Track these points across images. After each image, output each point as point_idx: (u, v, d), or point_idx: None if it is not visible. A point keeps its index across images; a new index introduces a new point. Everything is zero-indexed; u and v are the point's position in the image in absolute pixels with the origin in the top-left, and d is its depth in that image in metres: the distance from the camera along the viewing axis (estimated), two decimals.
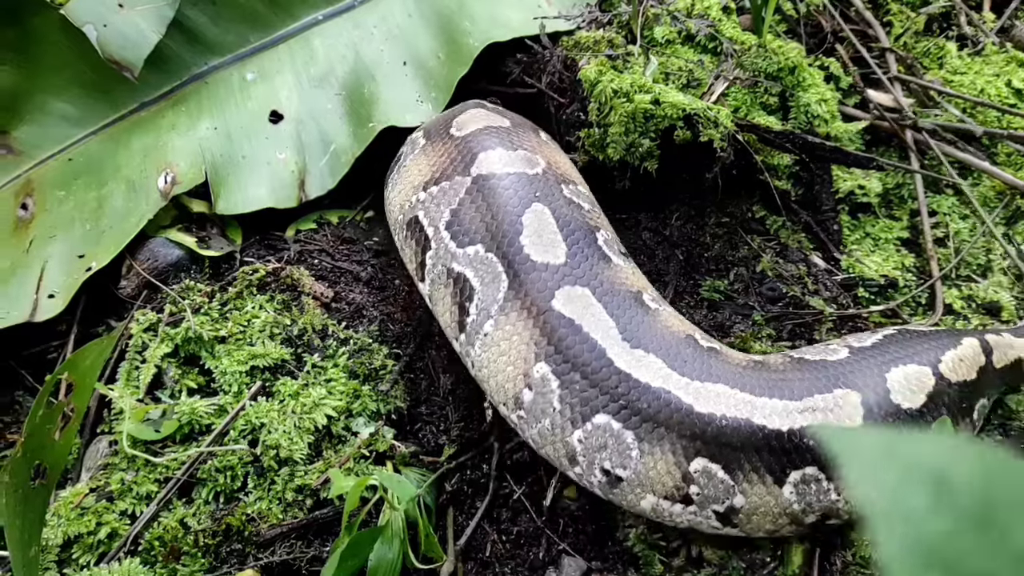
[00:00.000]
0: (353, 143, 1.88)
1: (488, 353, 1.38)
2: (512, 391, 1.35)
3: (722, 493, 1.26)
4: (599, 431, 1.27)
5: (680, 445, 1.24)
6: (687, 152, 1.75)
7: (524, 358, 1.33)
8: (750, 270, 1.82)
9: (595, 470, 1.29)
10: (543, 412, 1.31)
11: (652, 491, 1.27)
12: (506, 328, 1.36)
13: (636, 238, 1.86)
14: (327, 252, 1.76)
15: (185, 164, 1.78)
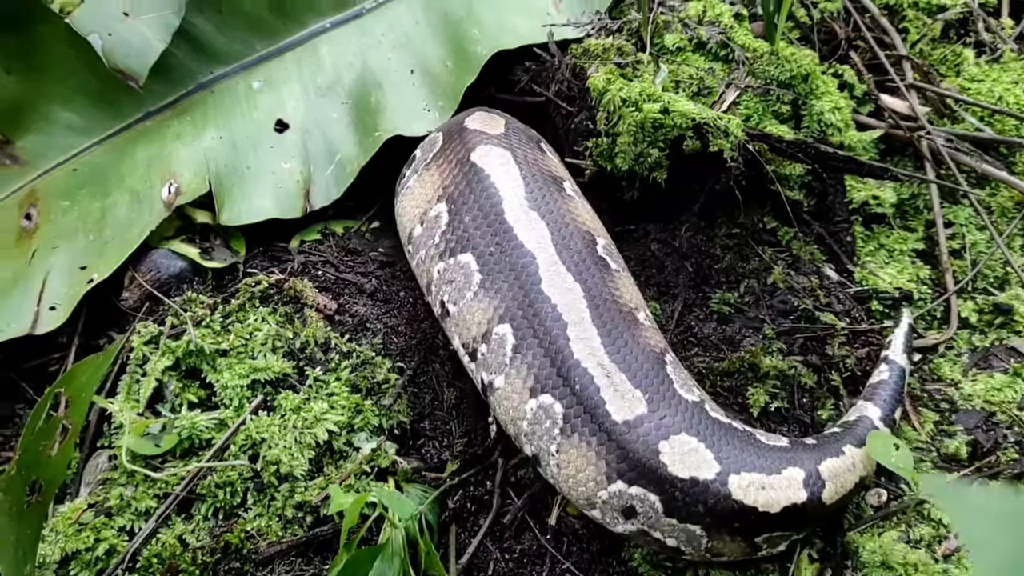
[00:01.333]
0: (359, 152, 1.86)
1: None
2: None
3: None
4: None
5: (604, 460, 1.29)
6: (697, 162, 1.72)
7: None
8: (761, 282, 1.79)
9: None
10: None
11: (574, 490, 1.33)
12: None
13: (645, 250, 1.83)
14: (331, 263, 1.74)
15: (189, 174, 1.76)
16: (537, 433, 1.36)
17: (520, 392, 1.37)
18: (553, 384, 1.35)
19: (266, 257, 1.74)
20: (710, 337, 1.72)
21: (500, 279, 1.45)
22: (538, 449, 1.36)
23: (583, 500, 1.32)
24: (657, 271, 1.80)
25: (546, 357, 1.36)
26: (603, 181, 1.84)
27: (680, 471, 1.27)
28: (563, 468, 1.33)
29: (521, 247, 1.47)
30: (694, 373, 1.64)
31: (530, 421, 1.36)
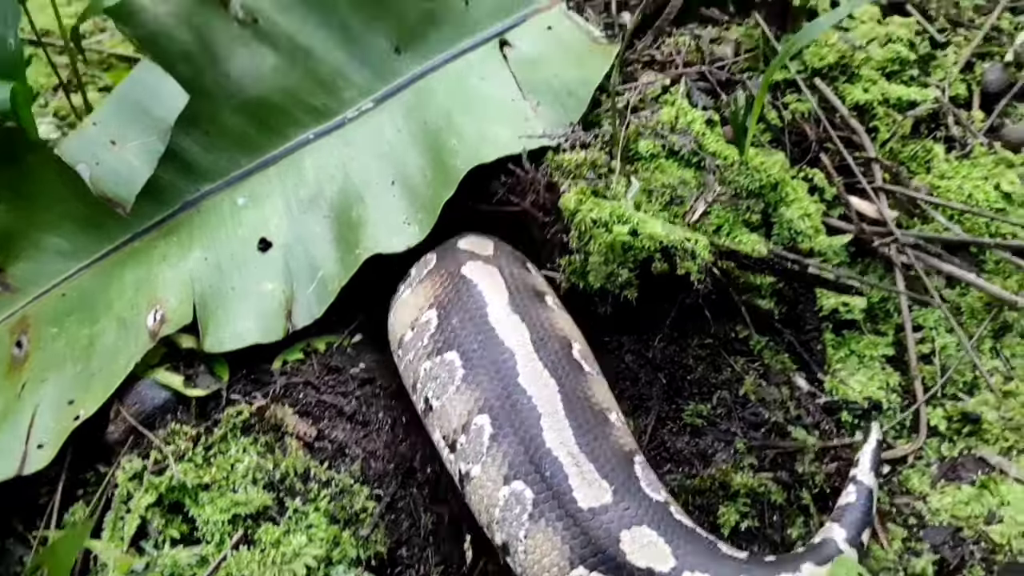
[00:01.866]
0: (340, 270, 1.91)
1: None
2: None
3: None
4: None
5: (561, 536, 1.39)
6: (667, 280, 1.77)
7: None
8: (733, 393, 1.82)
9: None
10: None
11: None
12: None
13: (619, 362, 1.87)
14: (312, 385, 1.79)
15: (175, 299, 1.82)
16: (508, 519, 1.45)
17: (495, 480, 1.48)
18: (525, 471, 1.45)
19: (249, 381, 1.79)
20: (683, 452, 1.75)
21: (481, 373, 1.57)
22: (508, 536, 1.45)
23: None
24: (631, 383, 1.84)
25: (520, 445, 1.47)
26: (577, 296, 1.89)
27: (638, 560, 1.36)
28: (530, 554, 1.41)
29: (502, 344, 1.60)
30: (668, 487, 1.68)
31: (502, 508, 1.46)
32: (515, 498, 1.45)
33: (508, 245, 1.92)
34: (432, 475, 1.69)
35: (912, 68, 2.28)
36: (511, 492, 1.45)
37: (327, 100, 2.11)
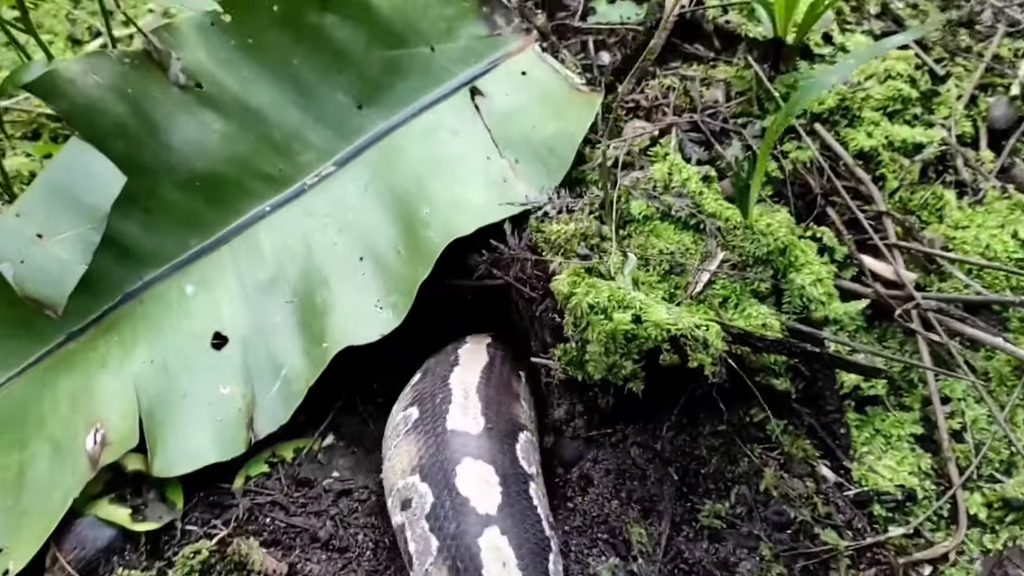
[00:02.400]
0: (307, 365, 1.70)
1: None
2: None
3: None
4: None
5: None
6: (675, 369, 1.58)
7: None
8: (753, 489, 1.64)
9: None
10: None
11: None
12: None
13: (624, 457, 1.68)
14: (280, 505, 1.58)
15: (117, 415, 1.59)
16: (389, 436, 1.62)
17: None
18: (423, 400, 1.64)
19: (207, 505, 1.57)
20: (702, 561, 1.57)
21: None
22: (384, 450, 1.62)
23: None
24: (639, 483, 1.65)
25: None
26: (574, 386, 1.69)
27: (465, 488, 1.43)
28: (390, 460, 1.57)
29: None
30: None
31: (392, 428, 1.64)
32: (404, 420, 1.60)
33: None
34: None
35: (915, 106, 2.12)
36: (403, 416, 1.61)
37: (283, 166, 1.90)
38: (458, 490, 1.43)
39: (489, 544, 1.37)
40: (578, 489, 1.65)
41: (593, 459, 1.68)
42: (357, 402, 1.83)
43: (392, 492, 1.53)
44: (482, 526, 1.39)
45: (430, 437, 1.53)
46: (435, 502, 1.43)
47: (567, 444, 1.72)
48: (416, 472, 1.49)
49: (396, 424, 1.64)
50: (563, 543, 1.57)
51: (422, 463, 1.49)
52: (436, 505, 1.42)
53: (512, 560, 1.37)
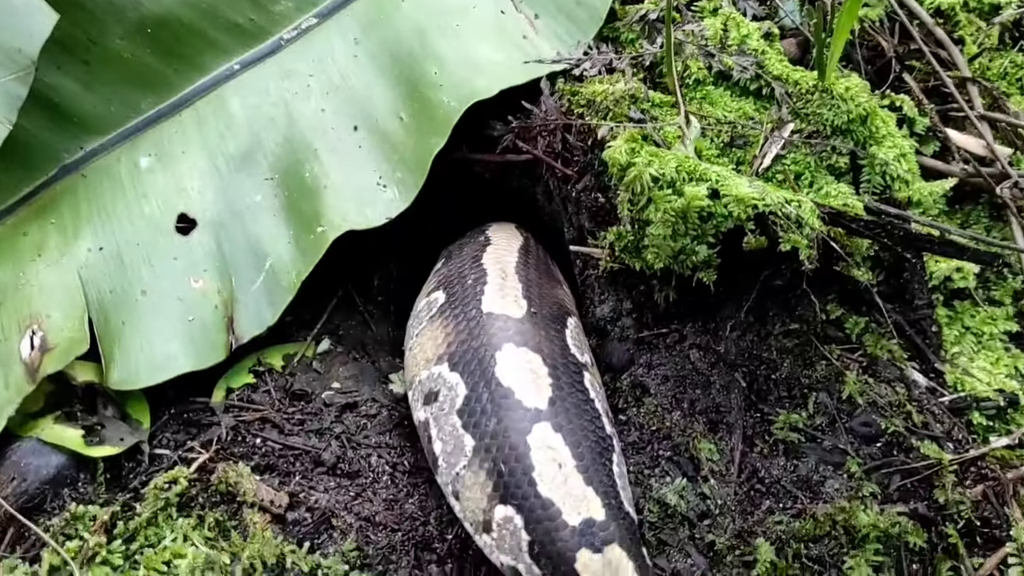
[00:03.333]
0: (297, 255, 1.38)
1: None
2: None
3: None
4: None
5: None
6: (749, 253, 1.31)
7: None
8: (834, 396, 1.39)
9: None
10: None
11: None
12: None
13: (683, 361, 1.41)
14: (272, 422, 1.28)
15: (59, 314, 1.26)
16: (411, 325, 1.36)
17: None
18: (449, 284, 1.36)
19: (180, 425, 1.26)
20: (781, 480, 1.32)
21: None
22: (407, 339, 1.35)
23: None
24: (702, 391, 1.39)
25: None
26: (626, 277, 1.41)
27: (507, 379, 1.16)
28: (413, 351, 1.31)
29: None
30: (770, 539, 1.25)
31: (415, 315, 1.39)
32: (427, 306, 1.34)
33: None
34: (455, 542, 1.21)
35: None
36: (427, 302, 1.35)
37: (254, 15, 1.54)
38: (499, 380, 1.15)
39: (540, 442, 1.10)
40: (631, 399, 1.38)
41: (646, 364, 1.41)
42: (356, 300, 1.52)
43: (414, 385, 1.25)
44: (530, 422, 1.11)
45: (461, 322, 1.25)
46: (469, 394, 1.16)
47: (614, 347, 1.44)
48: (444, 361, 1.21)
49: (419, 311, 1.35)
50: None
51: (451, 351, 1.21)
52: (471, 398, 1.15)
53: (569, 461, 1.10)
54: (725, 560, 1.23)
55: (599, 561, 1.04)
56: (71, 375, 1.23)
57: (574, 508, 1.06)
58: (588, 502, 1.07)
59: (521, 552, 1.06)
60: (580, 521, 1.05)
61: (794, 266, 1.34)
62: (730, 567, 1.23)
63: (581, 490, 1.08)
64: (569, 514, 1.05)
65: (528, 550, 1.06)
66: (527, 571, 1.07)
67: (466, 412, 1.14)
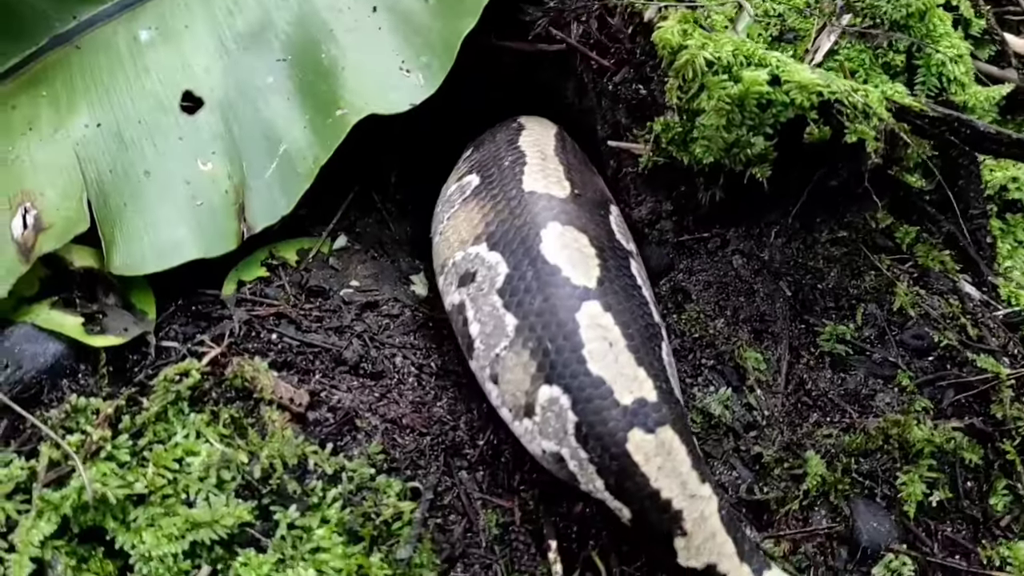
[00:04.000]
0: (314, 141, 1.26)
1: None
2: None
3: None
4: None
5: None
6: (806, 150, 1.21)
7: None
8: (884, 307, 1.32)
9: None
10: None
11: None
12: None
13: (725, 267, 1.32)
14: (288, 318, 1.18)
15: (55, 192, 1.14)
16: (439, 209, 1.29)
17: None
18: (486, 168, 1.27)
19: (188, 316, 1.16)
20: (828, 393, 1.25)
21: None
22: (435, 224, 1.27)
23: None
24: (746, 299, 1.30)
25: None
26: (667, 172, 1.31)
27: (554, 256, 1.07)
28: (445, 234, 1.22)
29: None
30: (820, 452, 1.18)
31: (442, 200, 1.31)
32: (459, 189, 1.25)
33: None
34: (487, 448, 1.13)
35: None
36: (459, 186, 1.26)
37: None
38: (544, 258, 1.07)
39: (589, 320, 1.02)
40: (671, 305, 1.30)
41: (687, 269, 1.33)
42: (373, 197, 1.41)
43: (446, 268, 1.16)
44: (579, 299, 1.03)
45: (500, 201, 1.16)
46: (511, 273, 1.07)
47: (652, 251, 1.35)
48: (482, 241, 1.12)
49: (449, 196, 1.26)
50: None
51: (490, 230, 1.13)
52: (513, 276, 1.07)
53: (620, 340, 1.02)
54: (772, 473, 1.16)
55: (652, 442, 0.97)
56: (68, 260, 1.12)
57: (625, 387, 0.99)
58: (640, 382, 1.00)
59: (567, 435, 0.99)
60: (632, 400, 0.98)
61: (852, 165, 1.25)
62: (777, 480, 1.16)
63: (632, 370, 1.00)
64: (620, 393, 0.98)
65: (575, 432, 0.98)
66: (572, 455, 1.00)
67: (508, 291, 1.06)
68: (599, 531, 1.09)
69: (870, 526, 1.14)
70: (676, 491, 0.97)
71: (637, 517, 0.99)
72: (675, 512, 0.97)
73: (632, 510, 0.98)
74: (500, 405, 1.06)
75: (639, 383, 0.99)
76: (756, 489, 1.15)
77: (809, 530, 1.13)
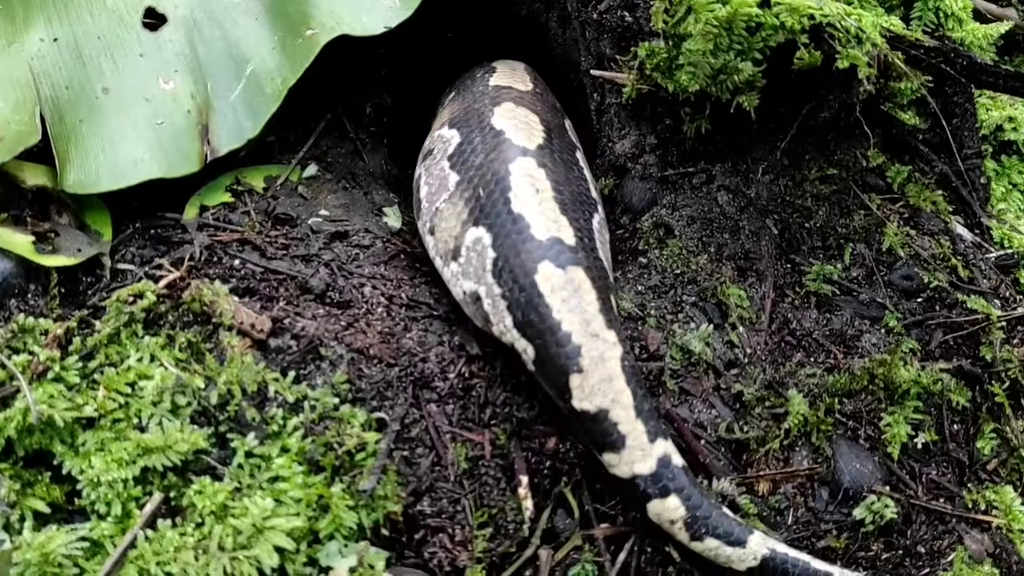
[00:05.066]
0: (283, 61, 1.20)
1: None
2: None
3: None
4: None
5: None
6: (796, 78, 1.16)
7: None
8: (872, 247, 1.28)
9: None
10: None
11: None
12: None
13: (710, 203, 1.28)
14: (253, 244, 1.13)
15: (6, 105, 1.08)
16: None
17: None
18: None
19: (146, 239, 1.11)
20: (813, 333, 1.21)
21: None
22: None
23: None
24: (731, 236, 1.26)
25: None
26: (652, 103, 1.26)
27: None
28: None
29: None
30: (802, 392, 1.14)
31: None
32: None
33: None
34: (458, 381, 1.08)
35: None
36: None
37: None
38: (492, 126, 1.15)
39: (522, 170, 1.07)
40: (653, 240, 1.25)
41: (670, 205, 1.28)
42: (347, 127, 1.36)
43: (419, 163, 1.24)
44: (517, 155, 1.10)
45: (467, 95, 1.26)
46: (462, 141, 1.16)
47: (635, 187, 1.30)
48: (446, 125, 1.22)
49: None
50: (639, 305, 1.18)
51: (454, 116, 1.22)
52: (463, 143, 1.16)
53: (548, 191, 1.06)
54: (753, 412, 1.12)
55: (560, 277, 0.98)
56: (19, 178, 1.07)
57: (544, 227, 1.02)
58: (560, 226, 1.03)
59: (484, 272, 1.03)
60: (547, 238, 1.01)
61: (843, 96, 1.20)
62: (758, 419, 1.12)
63: (555, 215, 1.04)
64: (538, 230, 1.01)
65: (492, 268, 1.02)
66: (487, 293, 1.02)
67: (456, 155, 1.14)
68: (572, 467, 1.05)
69: (853, 467, 1.10)
70: (577, 327, 0.96)
71: (538, 355, 0.98)
72: (574, 346, 0.95)
73: (535, 346, 0.98)
74: (435, 256, 1.12)
75: (559, 226, 1.03)
76: (736, 428, 1.11)
77: (790, 470, 1.10)
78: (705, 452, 1.07)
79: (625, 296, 1.18)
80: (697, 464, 1.05)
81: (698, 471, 1.05)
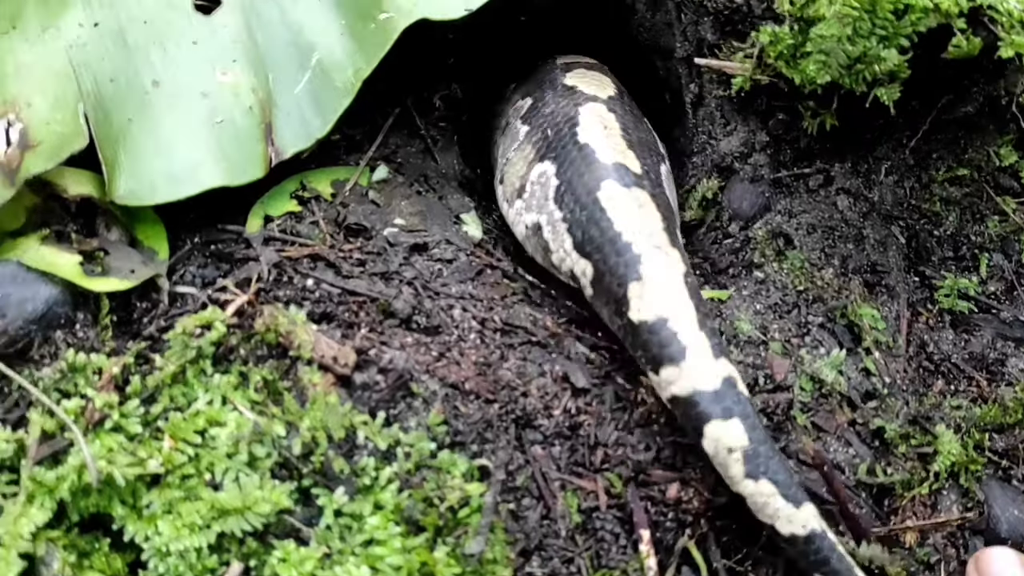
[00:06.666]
0: (352, 48, 1.06)
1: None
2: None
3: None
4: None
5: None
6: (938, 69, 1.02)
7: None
8: (1011, 258, 1.14)
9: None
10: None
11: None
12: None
13: (829, 208, 1.14)
14: (326, 261, 0.99)
15: (45, 102, 0.94)
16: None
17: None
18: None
19: (207, 257, 0.97)
20: (951, 358, 1.08)
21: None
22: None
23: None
24: (854, 245, 1.12)
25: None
26: (767, 96, 1.12)
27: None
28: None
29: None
30: (949, 424, 1.01)
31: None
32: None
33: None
34: (563, 418, 0.95)
35: None
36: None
37: None
38: (564, 84, 1.15)
39: (591, 112, 1.06)
40: (770, 252, 1.11)
41: (786, 211, 1.14)
42: (416, 122, 1.21)
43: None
44: (587, 100, 1.09)
45: (543, 77, 1.21)
46: (533, 102, 1.16)
47: (745, 189, 1.16)
48: (522, 95, 1.22)
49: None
50: (759, 327, 1.04)
51: (528, 86, 1.22)
52: (536, 100, 1.16)
53: (616, 128, 1.04)
54: (896, 451, 0.99)
55: (624, 194, 0.95)
56: (61, 186, 0.92)
57: (609, 155, 0.99)
58: (625, 155, 1.00)
59: (547, 201, 1.00)
60: (613, 162, 0.98)
61: (989, 88, 1.06)
62: (902, 460, 0.99)
63: (621, 147, 1.01)
64: (603, 155, 0.99)
65: (554, 195, 1.00)
66: (548, 221, 1.00)
67: (529, 114, 1.14)
68: (696, 518, 0.92)
69: (1010, 513, 0.97)
70: (640, 238, 0.91)
71: (596, 271, 0.93)
72: (634, 255, 0.90)
73: (593, 263, 0.93)
74: (502, 201, 1.11)
75: (624, 155, 1.00)
76: (878, 469, 0.98)
77: (940, 520, 0.97)
78: (850, 498, 0.94)
79: (742, 316, 1.04)
80: (844, 515, 0.92)
81: (837, 522, 0.92)
